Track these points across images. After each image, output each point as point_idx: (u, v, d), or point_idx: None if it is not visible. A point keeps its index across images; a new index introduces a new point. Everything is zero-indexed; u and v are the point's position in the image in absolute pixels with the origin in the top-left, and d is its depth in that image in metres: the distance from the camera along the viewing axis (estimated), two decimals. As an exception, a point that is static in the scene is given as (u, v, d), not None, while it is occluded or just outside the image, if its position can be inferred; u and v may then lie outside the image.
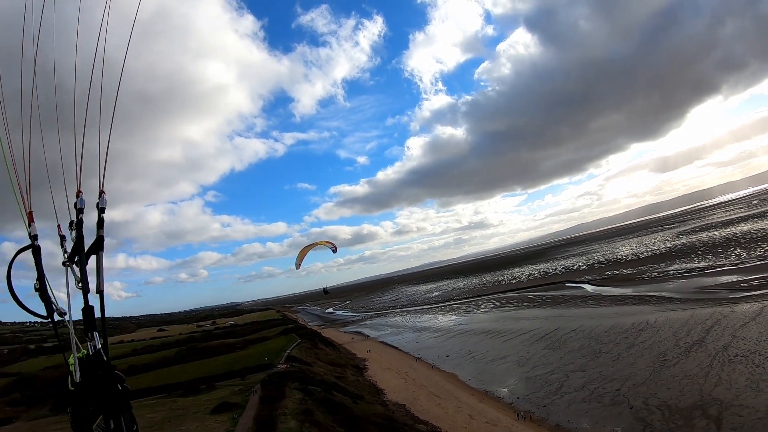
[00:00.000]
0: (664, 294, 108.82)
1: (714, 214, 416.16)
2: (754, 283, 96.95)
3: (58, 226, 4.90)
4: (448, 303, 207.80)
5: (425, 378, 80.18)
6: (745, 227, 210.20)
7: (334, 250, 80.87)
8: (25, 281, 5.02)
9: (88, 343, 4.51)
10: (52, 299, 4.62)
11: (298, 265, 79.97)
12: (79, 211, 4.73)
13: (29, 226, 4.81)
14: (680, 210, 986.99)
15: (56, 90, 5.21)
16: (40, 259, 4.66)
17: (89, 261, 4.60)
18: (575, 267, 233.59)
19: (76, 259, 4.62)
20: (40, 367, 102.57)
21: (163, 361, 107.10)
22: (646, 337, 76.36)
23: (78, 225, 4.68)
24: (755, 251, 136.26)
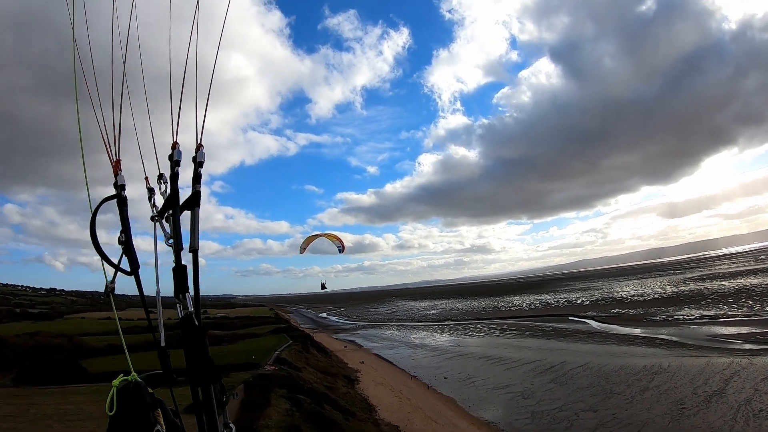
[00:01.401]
0: (675, 338, 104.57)
1: (720, 264, 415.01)
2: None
3: (146, 178, 4.44)
4: (446, 323, 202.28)
5: (421, 399, 75.03)
6: (755, 280, 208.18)
7: (341, 250, 76.44)
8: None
9: (179, 305, 4.00)
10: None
11: (301, 250, 76.09)
12: (176, 163, 4.35)
13: (116, 175, 4.36)
14: (684, 257, 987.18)
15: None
16: (126, 210, 4.31)
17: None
18: (578, 301, 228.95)
19: (166, 215, 4.26)
20: (17, 332, 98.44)
21: (144, 344, 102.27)
22: (660, 382, 72.03)
23: (173, 178, 4.29)
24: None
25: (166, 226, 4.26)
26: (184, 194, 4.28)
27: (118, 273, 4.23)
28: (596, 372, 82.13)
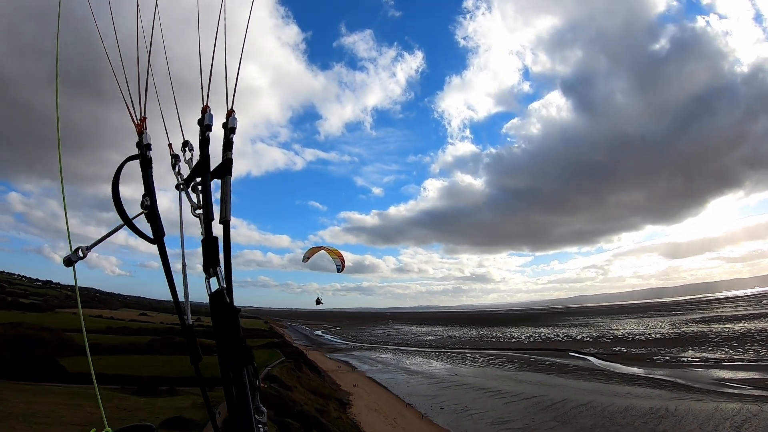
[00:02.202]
0: (680, 381, 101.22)
1: (722, 307, 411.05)
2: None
3: (169, 144, 4.13)
4: (443, 350, 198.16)
5: (416, 429, 71.37)
6: (759, 324, 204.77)
7: (340, 269, 73.43)
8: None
9: (207, 280, 3.57)
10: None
11: (305, 259, 73.36)
12: (207, 128, 4.03)
13: (141, 134, 4.01)
14: (685, 298, 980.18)
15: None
16: (151, 172, 3.94)
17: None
18: (578, 337, 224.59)
19: (192, 184, 3.96)
20: (1, 321, 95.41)
21: (132, 347, 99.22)
22: (668, 426, 68.96)
23: (204, 144, 3.99)
24: None
25: (193, 196, 3.90)
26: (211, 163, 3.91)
27: (96, 245, 3.72)
28: (600, 412, 78.63)
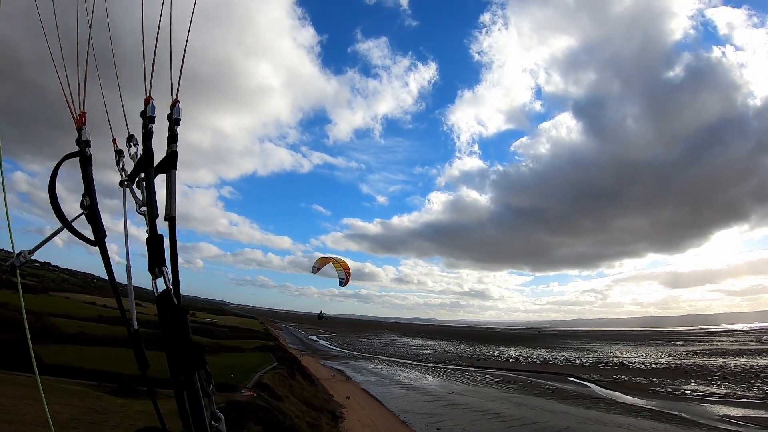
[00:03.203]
0: (684, 415, 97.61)
1: (722, 340, 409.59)
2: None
3: (113, 140, 4.08)
4: (440, 365, 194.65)
5: (411, 451, 68.22)
6: (762, 361, 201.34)
7: (343, 283, 70.44)
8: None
9: (154, 281, 3.55)
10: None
11: (315, 270, 70.38)
12: (149, 120, 3.89)
13: (80, 130, 3.99)
14: (684, 329, 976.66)
15: None
16: (91, 170, 3.90)
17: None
18: (577, 362, 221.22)
19: (137, 180, 3.86)
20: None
21: (119, 338, 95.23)
22: (677, 465, 66.02)
23: (147, 136, 3.84)
24: None
25: (138, 192, 3.80)
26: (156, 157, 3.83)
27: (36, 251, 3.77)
28: (604, 444, 75.38)
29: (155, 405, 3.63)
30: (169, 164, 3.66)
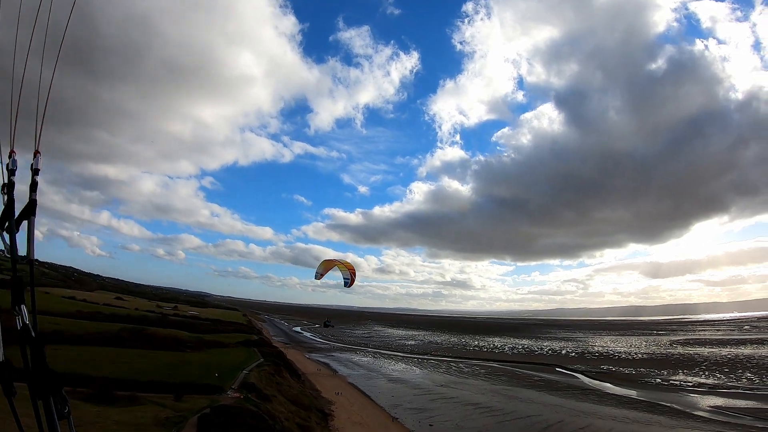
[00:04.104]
0: (676, 406, 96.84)
1: (704, 330, 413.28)
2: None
3: None
4: (426, 357, 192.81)
5: (405, 450, 65.70)
6: (746, 351, 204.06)
7: (348, 284, 67.38)
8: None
9: (16, 318, 4.11)
10: None
11: (318, 276, 67.37)
12: (11, 172, 4.41)
13: None
14: (665, 318, 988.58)
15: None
16: None
17: (19, 228, 4.38)
18: (563, 352, 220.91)
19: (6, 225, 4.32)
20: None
21: (99, 336, 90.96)
22: (676, 458, 64.65)
23: (10, 188, 4.33)
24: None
25: (7, 237, 4.24)
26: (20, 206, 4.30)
27: None
28: (601, 439, 73.65)
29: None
30: (29, 212, 4.16)
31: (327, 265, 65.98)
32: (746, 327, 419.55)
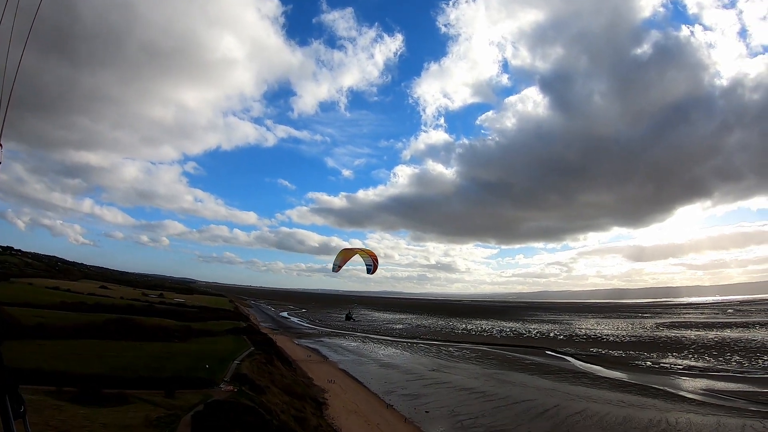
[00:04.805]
0: (669, 389, 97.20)
1: (688, 313, 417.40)
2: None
3: None
4: (415, 341, 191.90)
5: (404, 438, 64.14)
6: (732, 334, 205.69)
7: (371, 270, 64.90)
8: None
9: None
10: None
11: (336, 268, 64.72)
12: None
13: None
14: (649, 301, 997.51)
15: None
16: None
17: None
18: (551, 335, 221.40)
19: None
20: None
21: (84, 328, 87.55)
22: (674, 442, 64.03)
23: None
24: (757, 362, 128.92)
25: None
26: None
27: None
28: (598, 422, 72.87)
29: None
30: None
31: (345, 255, 63.30)
32: (729, 310, 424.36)
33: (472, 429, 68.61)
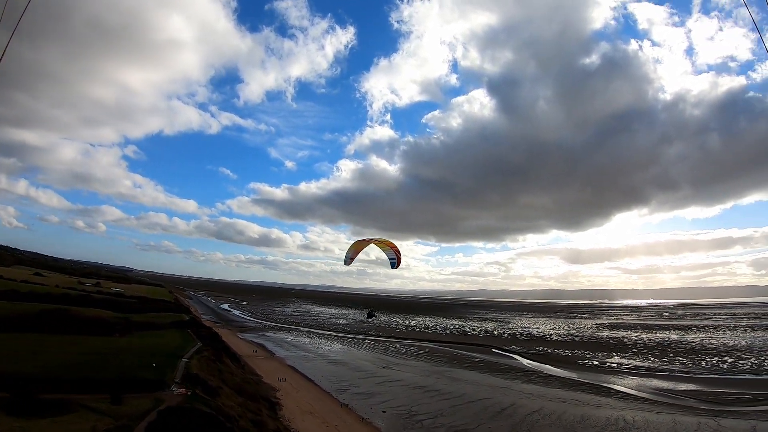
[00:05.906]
0: (621, 389, 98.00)
1: (626, 315, 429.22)
2: (722, 397, 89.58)
3: None
4: (361, 337, 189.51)
5: (364, 440, 60.89)
6: (672, 336, 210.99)
7: (395, 264, 60.70)
8: None
9: None
10: None
11: (348, 261, 60.42)
12: None
13: None
14: (585, 302, 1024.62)
15: None
16: None
17: None
18: (495, 333, 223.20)
19: None
20: None
21: (17, 321, 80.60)
22: (635, 441, 63.72)
23: None
24: (699, 363, 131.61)
25: None
26: None
27: None
28: (557, 421, 71.89)
29: None
30: None
31: (358, 247, 59.14)
32: (665, 313, 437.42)
33: (433, 429, 66.05)
